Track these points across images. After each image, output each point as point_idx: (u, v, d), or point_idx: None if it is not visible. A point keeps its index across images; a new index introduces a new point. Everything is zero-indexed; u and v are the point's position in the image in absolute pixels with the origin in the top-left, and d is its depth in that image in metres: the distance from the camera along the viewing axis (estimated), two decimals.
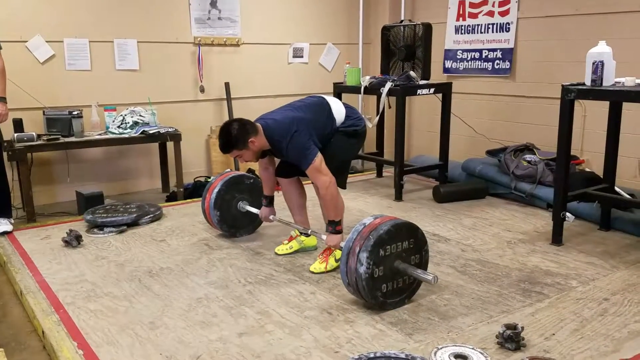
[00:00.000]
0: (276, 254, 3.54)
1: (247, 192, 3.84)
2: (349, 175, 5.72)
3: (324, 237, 3.17)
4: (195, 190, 5.08)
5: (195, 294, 2.96)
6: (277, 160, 3.51)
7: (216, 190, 3.71)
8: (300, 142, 3.08)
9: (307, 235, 3.55)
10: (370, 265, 2.59)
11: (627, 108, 3.81)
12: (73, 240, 3.67)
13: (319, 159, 3.08)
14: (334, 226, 3.11)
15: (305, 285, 3.05)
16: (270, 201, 3.60)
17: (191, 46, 5.49)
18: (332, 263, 3.23)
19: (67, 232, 3.73)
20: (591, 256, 3.43)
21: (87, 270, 3.31)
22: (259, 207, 3.69)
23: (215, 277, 3.18)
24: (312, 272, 3.21)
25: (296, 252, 3.55)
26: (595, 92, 3.35)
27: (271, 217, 3.61)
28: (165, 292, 2.98)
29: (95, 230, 3.98)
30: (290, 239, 3.59)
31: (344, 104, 3.39)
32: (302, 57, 6.17)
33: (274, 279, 3.15)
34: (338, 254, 3.24)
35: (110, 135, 4.75)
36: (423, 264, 2.82)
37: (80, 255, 3.54)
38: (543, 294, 2.90)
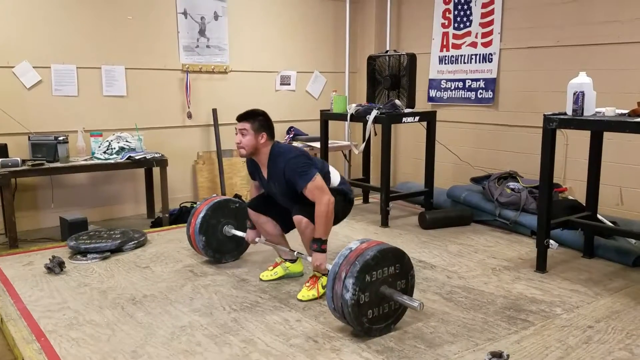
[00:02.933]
0: (261, 279, 3.52)
1: (232, 217, 3.82)
2: None
3: (309, 259, 3.16)
4: (181, 215, 5.06)
5: (179, 322, 2.93)
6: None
7: (201, 215, 3.69)
8: (300, 162, 3.12)
9: (293, 260, 3.55)
10: (356, 291, 2.58)
11: (608, 137, 3.90)
12: (56, 267, 3.62)
13: (319, 177, 3.09)
14: (320, 244, 3.07)
15: (291, 313, 3.03)
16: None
17: (179, 73, 5.53)
18: (319, 289, 3.22)
19: (49, 259, 3.68)
20: (575, 283, 3.46)
21: (70, 297, 3.26)
22: (244, 231, 3.68)
23: (200, 305, 3.14)
24: (300, 300, 3.19)
25: (281, 278, 3.53)
26: (576, 122, 3.42)
27: (257, 239, 3.59)
28: (149, 320, 2.94)
29: (78, 256, 3.93)
30: (275, 265, 3.57)
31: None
32: (289, 84, 6.24)
33: (259, 306, 3.13)
34: (324, 280, 3.24)
35: (95, 161, 4.73)
36: (409, 289, 2.82)
37: (62, 282, 3.50)
38: (528, 322, 2.91)
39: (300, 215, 3.15)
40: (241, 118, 3.25)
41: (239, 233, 3.73)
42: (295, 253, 3.41)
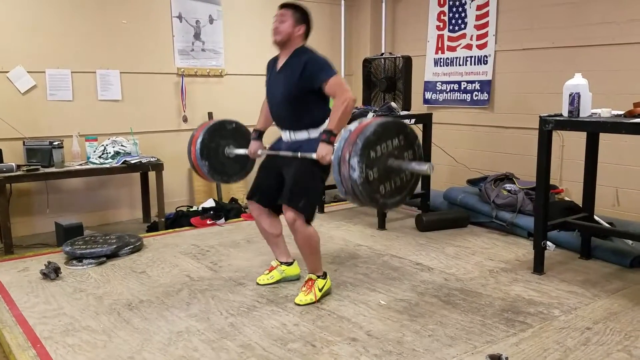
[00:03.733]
0: (258, 284, 3.51)
1: (231, 138, 3.68)
2: (333, 204, 5.76)
3: (314, 155, 2.98)
4: (177, 220, 5.04)
5: (176, 327, 2.91)
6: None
7: (199, 140, 3.54)
8: (326, 61, 3.07)
9: (290, 263, 3.54)
10: (363, 169, 2.52)
11: (604, 138, 3.90)
12: (51, 273, 3.60)
13: (340, 76, 3.02)
14: (329, 136, 2.94)
15: (288, 317, 3.02)
16: (259, 135, 3.50)
17: (174, 77, 5.51)
18: (316, 293, 3.20)
19: (45, 264, 3.66)
20: (573, 285, 3.45)
21: (66, 303, 3.24)
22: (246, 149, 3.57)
23: (197, 310, 3.13)
24: (298, 305, 3.17)
25: (278, 281, 3.51)
26: (572, 123, 3.42)
27: (260, 151, 3.47)
28: (145, 326, 2.93)
29: (74, 262, 3.91)
30: (271, 268, 3.55)
31: None
32: None
33: (256, 310, 3.12)
34: (320, 282, 3.23)
35: (91, 166, 4.71)
36: (417, 159, 2.75)
37: (58, 288, 3.47)
38: (526, 324, 2.91)
39: (291, 210, 3.04)
40: (285, 5, 3.21)
41: (241, 151, 3.60)
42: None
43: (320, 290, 3.21)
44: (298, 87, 3.09)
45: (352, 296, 3.26)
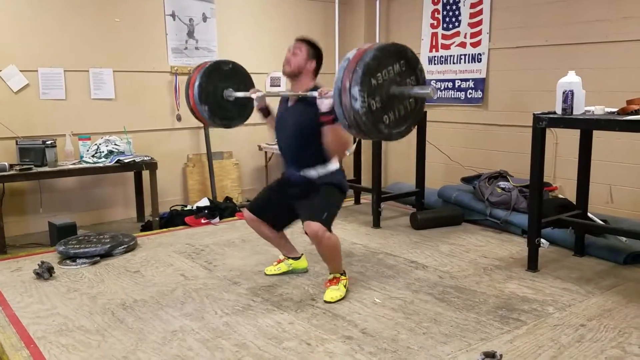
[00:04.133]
0: (265, 274, 3.59)
1: (229, 80, 3.60)
2: None
3: (315, 93, 2.95)
4: (171, 219, 5.02)
5: (170, 326, 2.90)
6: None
7: (197, 84, 3.47)
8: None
9: (297, 257, 3.61)
10: (364, 97, 2.42)
11: (598, 135, 3.91)
12: (45, 273, 3.58)
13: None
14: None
15: (283, 315, 3.01)
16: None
17: (168, 75, 5.49)
18: (342, 289, 3.24)
19: (38, 264, 3.64)
20: (567, 282, 3.46)
21: (59, 303, 3.22)
22: (246, 91, 3.53)
23: (191, 309, 3.12)
24: (328, 302, 3.15)
25: (285, 273, 3.58)
26: (565, 121, 3.43)
27: (259, 93, 3.43)
28: (139, 325, 2.91)
29: (67, 261, 3.89)
30: (279, 261, 3.63)
31: None
32: (279, 85, 6.21)
33: (251, 309, 3.11)
34: (344, 279, 3.28)
35: (84, 165, 4.69)
36: (420, 84, 2.68)
37: (52, 288, 3.46)
38: (520, 321, 2.91)
39: (315, 223, 3.04)
40: (300, 39, 3.24)
41: (241, 94, 3.55)
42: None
43: (345, 286, 3.27)
44: (309, 123, 3.09)
45: (347, 294, 3.26)
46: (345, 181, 3.36)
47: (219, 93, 3.56)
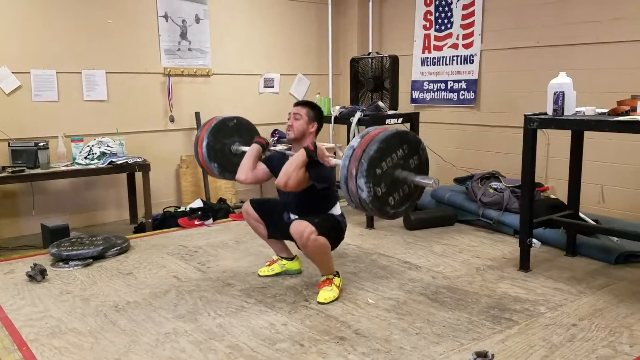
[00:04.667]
0: (259, 275, 3.60)
1: (236, 135, 3.74)
2: None
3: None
4: (165, 220, 5.02)
5: (163, 328, 2.90)
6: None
7: (205, 144, 3.63)
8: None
9: (291, 258, 3.62)
10: (371, 188, 2.58)
11: (589, 136, 3.94)
12: (37, 275, 3.57)
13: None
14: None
15: (277, 316, 3.02)
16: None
17: (161, 77, 5.49)
18: (336, 289, 3.25)
19: (31, 267, 3.63)
20: (558, 282, 3.49)
21: (52, 305, 3.21)
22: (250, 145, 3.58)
23: (184, 311, 3.12)
24: (321, 303, 3.15)
25: (278, 274, 3.59)
26: (556, 122, 3.45)
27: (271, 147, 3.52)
28: (132, 327, 2.91)
29: (60, 263, 3.88)
30: (272, 262, 3.64)
31: None
32: (272, 87, 6.22)
33: (244, 310, 3.11)
34: (337, 280, 3.29)
35: (76, 167, 4.67)
36: (423, 163, 2.82)
37: (44, 290, 3.44)
38: (512, 321, 2.93)
39: (303, 222, 3.06)
40: (299, 103, 3.37)
41: (247, 148, 3.59)
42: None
43: (338, 286, 3.27)
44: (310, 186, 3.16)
45: (340, 295, 3.27)
46: (345, 224, 3.39)
47: (227, 149, 3.72)
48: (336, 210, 3.35)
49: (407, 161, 2.73)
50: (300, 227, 3.04)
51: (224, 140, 3.70)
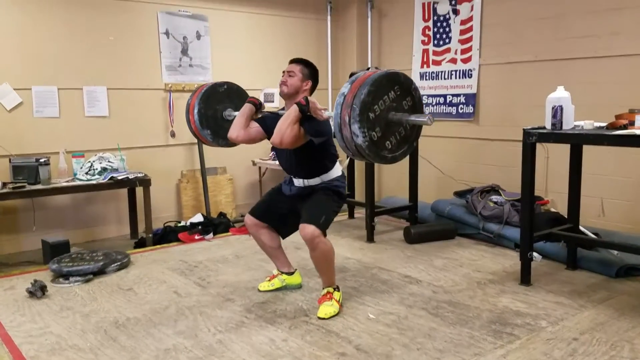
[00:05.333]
0: (259, 290, 3.59)
1: (227, 100, 3.69)
2: None
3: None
4: (165, 235, 5.02)
5: (163, 344, 2.89)
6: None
7: (196, 110, 3.58)
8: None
9: (291, 273, 3.61)
10: (365, 132, 2.53)
11: (588, 149, 3.95)
12: (38, 291, 3.57)
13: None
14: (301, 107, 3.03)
15: (277, 332, 3.01)
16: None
17: (162, 92, 5.52)
18: (337, 304, 3.24)
19: (31, 283, 3.63)
20: (559, 296, 3.48)
21: (52, 321, 3.21)
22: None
23: (184, 327, 3.11)
24: (322, 318, 3.14)
25: (279, 289, 3.58)
26: (555, 136, 3.47)
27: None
28: (132, 344, 2.90)
29: (60, 279, 3.88)
30: (272, 277, 3.63)
31: None
32: (272, 101, 6.25)
33: (245, 326, 3.10)
34: (337, 294, 3.28)
35: (77, 182, 4.69)
36: (417, 102, 2.76)
37: (44, 306, 3.44)
38: (514, 335, 2.92)
39: (311, 226, 3.06)
40: (294, 61, 3.32)
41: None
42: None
43: (338, 301, 3.25)
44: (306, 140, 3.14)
45: (340, 310, 3.26)
46: (344, 187, 3.39)
47: (219, 115, 3.66)
48: (336, 171, 3.31)
49: (400, 103, 2.67)
50: (310, 230, 3.06)
51: (216, 107, 3.64)
